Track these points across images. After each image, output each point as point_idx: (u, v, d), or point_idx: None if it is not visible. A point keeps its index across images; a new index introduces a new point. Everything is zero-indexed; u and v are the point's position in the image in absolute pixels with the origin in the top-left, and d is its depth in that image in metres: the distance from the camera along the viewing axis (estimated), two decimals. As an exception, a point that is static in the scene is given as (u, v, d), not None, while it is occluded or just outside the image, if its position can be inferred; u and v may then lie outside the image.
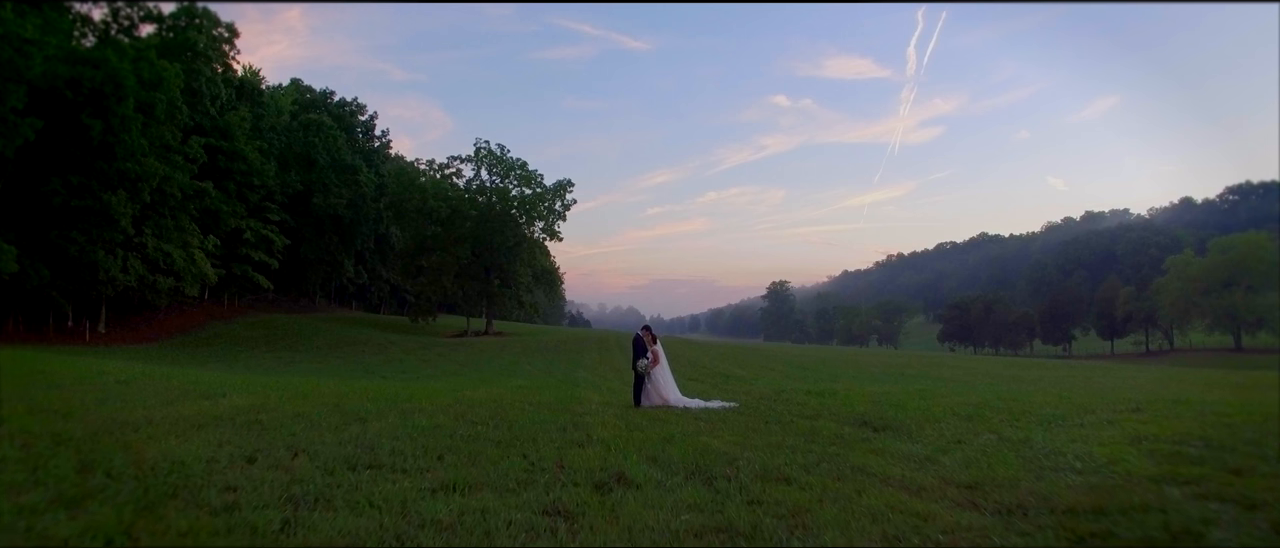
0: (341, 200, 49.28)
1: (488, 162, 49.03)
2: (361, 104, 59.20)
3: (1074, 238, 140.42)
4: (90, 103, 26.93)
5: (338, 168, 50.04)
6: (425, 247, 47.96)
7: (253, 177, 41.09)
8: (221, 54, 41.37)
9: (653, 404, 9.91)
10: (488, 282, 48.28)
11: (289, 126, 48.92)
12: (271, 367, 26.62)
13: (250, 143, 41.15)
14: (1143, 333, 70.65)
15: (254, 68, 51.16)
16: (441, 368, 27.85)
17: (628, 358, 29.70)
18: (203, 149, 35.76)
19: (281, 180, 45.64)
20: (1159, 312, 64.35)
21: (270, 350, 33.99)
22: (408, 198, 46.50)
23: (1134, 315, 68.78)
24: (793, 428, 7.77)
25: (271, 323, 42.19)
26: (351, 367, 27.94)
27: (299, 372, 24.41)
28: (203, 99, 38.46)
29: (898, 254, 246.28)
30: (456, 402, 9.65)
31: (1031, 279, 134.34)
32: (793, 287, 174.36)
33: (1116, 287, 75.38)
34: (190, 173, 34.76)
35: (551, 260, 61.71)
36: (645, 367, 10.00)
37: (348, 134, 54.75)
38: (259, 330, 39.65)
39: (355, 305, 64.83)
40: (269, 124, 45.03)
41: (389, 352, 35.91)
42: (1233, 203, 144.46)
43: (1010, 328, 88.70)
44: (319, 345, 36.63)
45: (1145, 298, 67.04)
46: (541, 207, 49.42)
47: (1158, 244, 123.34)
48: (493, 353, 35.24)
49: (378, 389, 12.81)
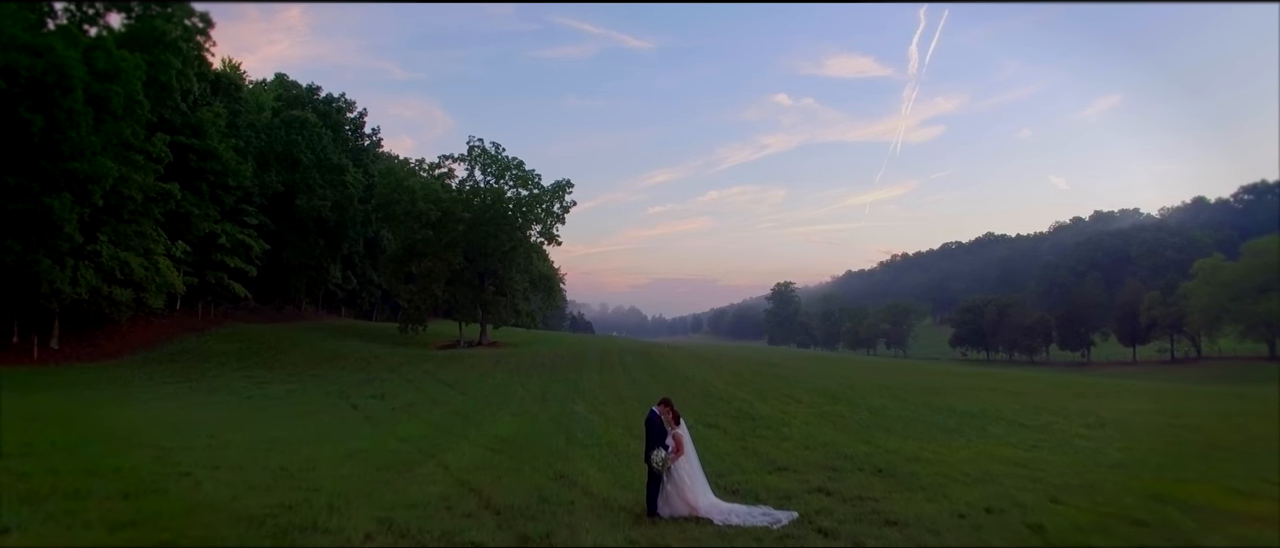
0: (326, 202, 46.34)
1: (481, 161, 46.04)
2: (350, 100, 56.26)
3: (1086, 239, 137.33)
4: (30, 94, 24.03)
5: (323, 167, 47.10)
6: (415, 251, 45.00)
7: (227, 177, 38.18)
8: (195, 45, 38.47)
9: (676, 513, 6.85)
10: (482, 289, 45.31)
11: (270, 124, 46.01)
12: (231, 391, 23.73)
13: (225, 141, 38.25)
14: (1167, 340, 67.53)
15: (234, 62, 48.37)
16: (425, 390, 24.96)
17: (630, 378, 26.72)
18: (169, 147, 32.84)
19: (260, 181, 42.73)
20: (1187, 317, 61.25)
21: (241, 367, 31.08)
22: (396, 200, 43.55)
23: (1158, 321, 65.70)
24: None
25: (248, 335, 39.27)
26: (324, 390, 25.05)
27: (257, 401, 21.52)
28: (172, 93, 35.50)
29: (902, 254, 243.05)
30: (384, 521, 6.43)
31: (1042, 281, 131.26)
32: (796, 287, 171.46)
33: (1139, 290, 72.31)
34: (154, 173, 31.85)
35: (550, 264, 58.72)
36: (663, 461, 6.92)
37: (335, 132, 51.82)
38: (233, 344, 36.75)
39: (345, 312, 61.94)
40: (247, 121, 42.11)
41: (371, 368, 33.02)
42: (1247, 202, 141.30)
43: (1025, 333, 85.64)
44: (295, 361, 33.71)
45: (1171, 303, 63.96)
46: (539, 209, 46.44)
47: (1174, 246, 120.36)
48: (485, 369, 32.34)
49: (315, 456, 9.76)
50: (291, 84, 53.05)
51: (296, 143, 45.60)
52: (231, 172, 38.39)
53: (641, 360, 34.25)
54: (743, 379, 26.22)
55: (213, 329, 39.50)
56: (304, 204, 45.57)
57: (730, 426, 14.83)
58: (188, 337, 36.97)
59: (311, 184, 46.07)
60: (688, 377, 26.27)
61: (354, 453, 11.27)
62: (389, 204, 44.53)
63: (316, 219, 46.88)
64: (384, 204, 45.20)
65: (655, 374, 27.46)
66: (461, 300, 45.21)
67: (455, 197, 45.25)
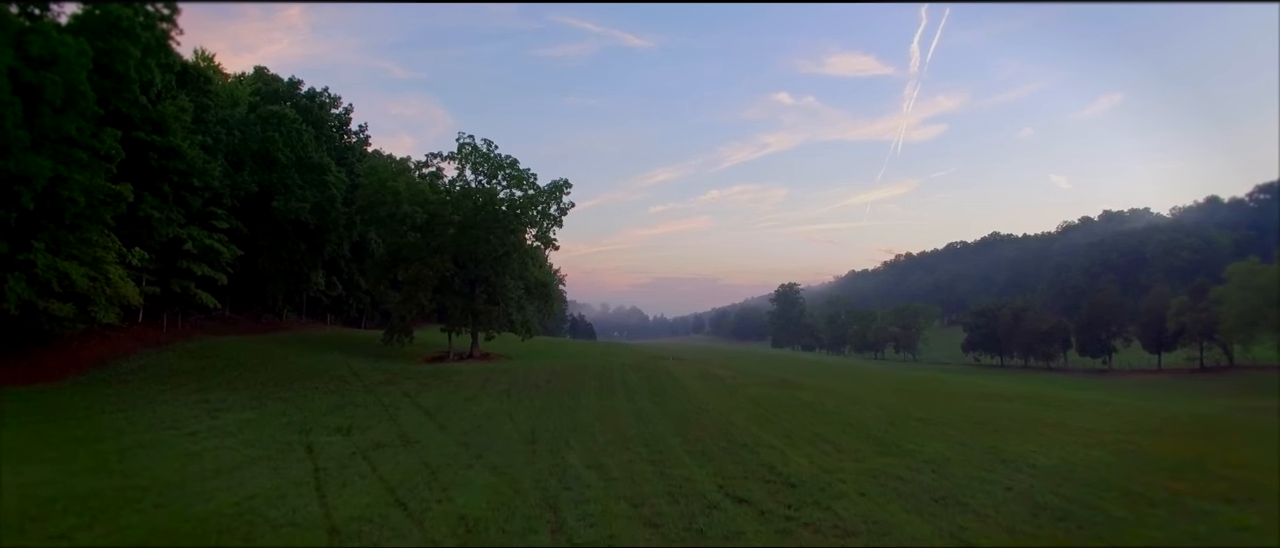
0: (305, 204, 43.06)
1: (472, 159, 42.82)
2: (335, 95, 52.99)
3: (1099, 240, 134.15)
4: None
5: (302, 167, 43.81)
6: (401, 257, 41.79)
7: (193, 177, 34.96)
8: (159, 33, 35.22)
9: None
10: (472, 298, 42.08)
11: (245, 120, 42.74)
12: (172, 425, 20.45)
13: (190, 137, 35.00)
14: (1196, 347, 64.24)
15: (208, 53, 45.12)
16: (400, 422, 21.71)
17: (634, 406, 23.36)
18: (123, 144, 29.57)
19: (232, 181, 39.47)
20: (1221, 324, 57.98)
21: (200, 389, 27.82)
22: (379, 202, 40.32)
23: (1187, 328, 62.42)
24: None
25: (216, 349, 36.06)
26: (285, 421, 21.81)
27: (198, 439, 18.23)
28: (130, 85, 32.29)
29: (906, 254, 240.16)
30: None
31: (1054, 283, 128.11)
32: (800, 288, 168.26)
33: (1165, 295, 68.99)
34: (105, 173, 28.60)
35: (547, 270, 55.47)
36: None
37: (318, 129, 48.55)
38: (197, 360, 33.54)
39: (331, 319, 58.70)
40: (218, 116, 38.82)
41: (347, 388, 29.82)
42: (1263, 202, 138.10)
43: (1042, 338, 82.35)
44: (263, 380, 30.49)
45: (1202, 308, 60.66)
46: (534, 210, 43.24)
47: (1191, 247, 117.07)
48: (472, 390, 29.13)
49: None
50: (271, 78, 49.78)
51: (273, 140, 42.32)
52: (197, 171, 35.17)
53: (645, 381, 31.02)
54: (762, 409, 22.97)
55: (178, 343, 36.25)
56: (281, 206, 42.30)
57: (764, 497, 11.60)
58: (148, 352, 33.71)
59: (290, 185, 42.79)
60: (701, 406, 23.02)
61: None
62: (372, 206, 41.33)
63: (295, 222, 43.61)
64: (367, 206, 41.99)
65: (662, 403, 24.20)
66: (451, 310, 42.00)
67: (444, 198, 42.05)
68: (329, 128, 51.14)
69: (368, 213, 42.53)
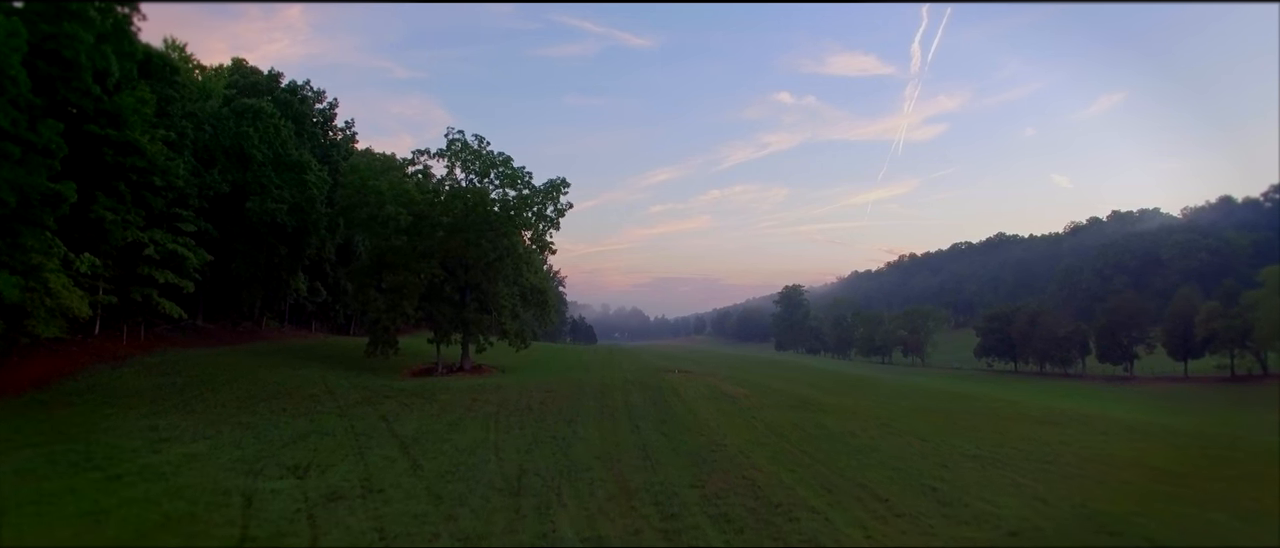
0: (283, 205, 39.96)
1: (462, 157, 39.72)
2: (319, 89, 49.80)
3: (1109, 241, 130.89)
4: None
5: (280, 165, 40.72)
6: (385, 262, 38.70)
7: (154, 175, 31.91)
8: (119, 17, 32.13)
9: None
10: (463, 306, 38.99)
11: (217, 114, 39.67)
12: (103, 464, 17.29)
13: (151, 132, 31.93)
14: (1226, 354, 61.12)
15: (179, 41, 42.05)
16: (368, 458, 18.69)
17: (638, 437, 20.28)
18: (67, 139, 26.50)
19: (201, 180, 36.40)
20: (1257, 330, 54.91)
21: (151, 412, 24.68)
22: (360, 202, 37.24)
23: (1219, 334, 59.31)
24: None
25: (179, 363, 32.97)
26: (236, 455, 18.77)
27: (124, 484, 15.07)
28: (81, 73, 29.18)
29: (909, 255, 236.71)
30: None
31: (1065, 285, 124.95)
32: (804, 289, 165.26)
33: (1192, 299, 65.85)
34: (46, 170, 25.51)
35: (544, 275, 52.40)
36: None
37: (298, 124, 45.43)
38: (155, 377, 30.42)
39: (316, 326, 55.62)
40: (185, 109, 35.71)
41: (318, 409, 26.80)
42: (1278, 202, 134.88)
43: (1059, 343, 79.15)
44: (226, 401, 27.40)
45: (1234, 314, 57.57)
46: (529, 212, 40.17)
47: (1208, 248, 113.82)
48: (458, 414, 26.08)
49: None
50: (250, 70, 46.64)
51: (248, 136, 39.24)
52: (159, 169, 32.08)
53: (650, 404, 27.89)
54: (787, 443, 19.87)
55: (139, 357, 33.12)
56: (256, 207, 39.19)
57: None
58: (102, 368, 30.52)
59: (266, 184, 39.69)
60: (716, 440, 19.90)
61: None
62: (353, 207, 38.26)
63: (272, 224, 40.49)
64: (347, 207, 38.93)
65: (671, 435, 21.10)
66: (439, 319, 38.92)
67: (432, 199, 38.94)
68: (311, 123, 48.02)
69: (348, 215, 39.50)
